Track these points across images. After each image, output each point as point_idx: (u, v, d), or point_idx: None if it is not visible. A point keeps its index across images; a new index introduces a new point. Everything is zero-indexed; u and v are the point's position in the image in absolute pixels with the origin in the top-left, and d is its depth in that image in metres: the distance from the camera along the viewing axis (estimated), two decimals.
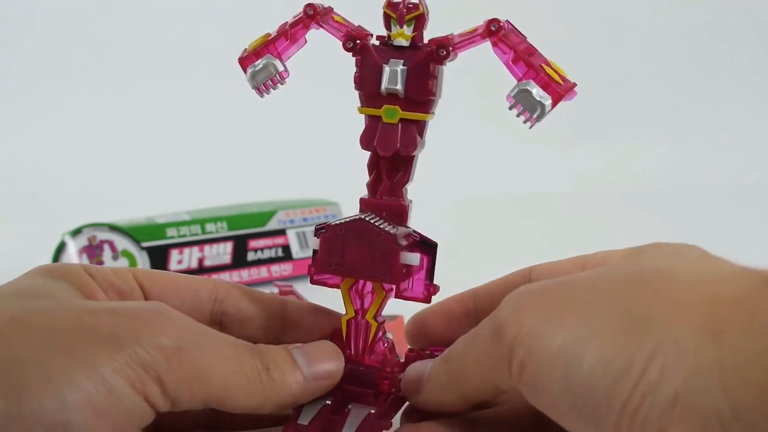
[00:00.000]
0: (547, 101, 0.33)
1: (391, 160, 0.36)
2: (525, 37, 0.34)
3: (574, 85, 0.33)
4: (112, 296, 0.34)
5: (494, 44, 0.34)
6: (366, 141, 0.36)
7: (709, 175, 1.27)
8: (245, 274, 0.71)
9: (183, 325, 0.30)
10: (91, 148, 1.26)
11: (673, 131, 1.37)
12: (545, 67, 0.33)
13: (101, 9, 1.35)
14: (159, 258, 0.68)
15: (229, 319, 0.36)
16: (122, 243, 0.67)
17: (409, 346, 0.40)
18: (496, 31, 0.34)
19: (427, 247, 0.36)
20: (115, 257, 0.66)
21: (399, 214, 0.36)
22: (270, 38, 0.37)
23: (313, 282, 0.36)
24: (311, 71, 0.35)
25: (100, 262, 0.66)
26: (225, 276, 0.70)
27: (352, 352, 0.36)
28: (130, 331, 0.28)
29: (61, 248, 0.66)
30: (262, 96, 0.38)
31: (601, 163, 1.31)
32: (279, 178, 1.15)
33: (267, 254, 0.72)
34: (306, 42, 0.37)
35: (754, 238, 0.89)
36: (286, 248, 0.73)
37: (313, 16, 0.36)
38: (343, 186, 0.35)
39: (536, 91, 0.33)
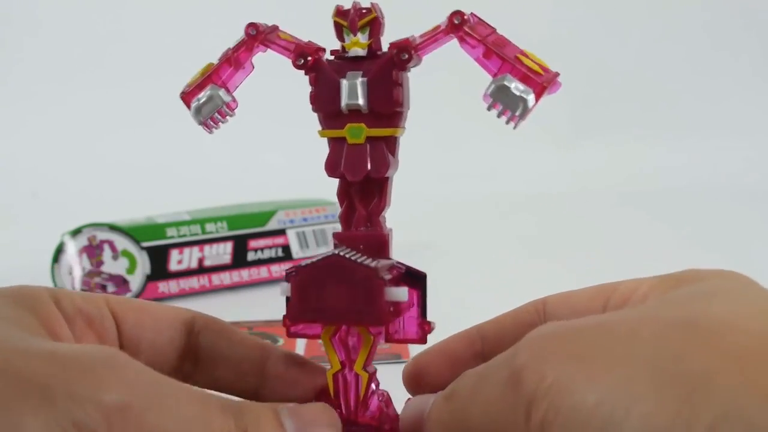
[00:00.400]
0: (529, 95, 0.29)
1: (362, 185, 0.32)
2: (494, 29, 0.30)
3: (557, 74, 0.29)
4: (80, 324, 0.30)
5: (461, 39, 0.30)
6: (332, 167, 0.32)
7: (709, 175, 1.27)
8: (245, 274, 0.71)
9: (135, 378, 0.25)
10: (91, 148, 1.26)
11: (673, 131, 1.37)
12: (521, 57, 0.29)
13: (101, 9, 1.35)
14: (159, 258, 0.68)
15: (204, 355, 0.33)
16: (122, 243, 0.67)
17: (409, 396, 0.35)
18: (460, 25, 0.30)
19: (416, 280, 0.31)
20: (115, 257, 0.66)
21: (379, 245, 0.32)
22: (212, 68, 0.34)
23: (290, 335, 0.32)
24: None
25: (100, 262, 0.66)
26: (225, 276, 0.70)
27: (344, 411, 0.32)
28: (66, 382, 0.23)
29: (61, 248, 0.66)
30: (210, 132, 0.34)
31: (601, 163, 1.31)
32: (279, 178, 1.15)
33: (267, 254, 0.72)
34: (253, 68, 0.33)
35: (754, 238, 0.89)
36: (286, 248, 0.73)
37: (256, 37, 0.33)
38: None
39: (515, 86, 0.29)
